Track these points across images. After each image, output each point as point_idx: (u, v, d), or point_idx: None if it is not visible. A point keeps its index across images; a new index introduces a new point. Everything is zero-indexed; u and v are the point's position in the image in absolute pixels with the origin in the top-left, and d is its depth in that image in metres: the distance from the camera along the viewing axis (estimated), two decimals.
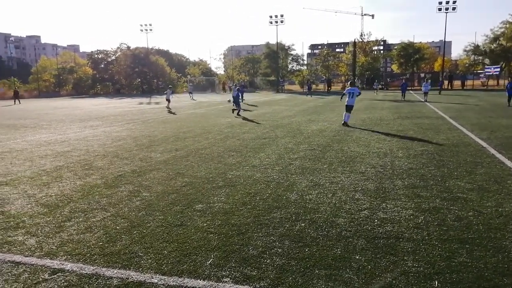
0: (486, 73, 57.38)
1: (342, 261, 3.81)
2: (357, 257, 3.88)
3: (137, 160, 8.80)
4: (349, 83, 14.45)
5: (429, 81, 40.12)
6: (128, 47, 70.08)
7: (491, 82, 59.67)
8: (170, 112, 23.41)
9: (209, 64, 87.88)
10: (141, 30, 66.40)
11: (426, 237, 4.31)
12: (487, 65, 58.22)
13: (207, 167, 7.88)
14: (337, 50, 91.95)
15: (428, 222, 4.76)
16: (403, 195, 5.83)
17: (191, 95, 43.56)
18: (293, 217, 4.98)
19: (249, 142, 10.93)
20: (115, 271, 3.69)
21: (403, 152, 9.05)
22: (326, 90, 50.76)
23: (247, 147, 10.20)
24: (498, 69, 56.66)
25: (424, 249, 4.03)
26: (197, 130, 13.95)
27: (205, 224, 4.80)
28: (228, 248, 4.13)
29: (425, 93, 29.25)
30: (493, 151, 8.97)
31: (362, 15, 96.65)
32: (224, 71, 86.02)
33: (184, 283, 3.47)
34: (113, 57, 70.34)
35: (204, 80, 73.54)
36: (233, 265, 3.77)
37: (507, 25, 57.23)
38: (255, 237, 4.40)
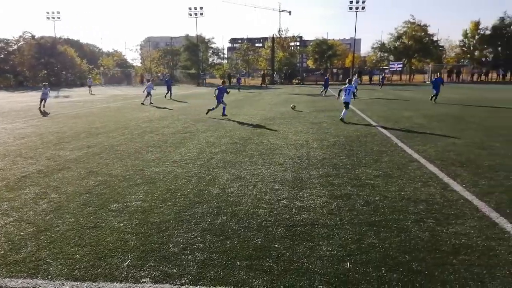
0: (391, 69, 62.61)
1: (262, 250, 3.91)
2: (277, 246, 4.00)
3: (43, 159, 8.10)
4: (347, 80, 14.79)
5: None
6: (33, 36, 63.90)
7: (395, 77, 65.22)
8: (142, 105, 21.77)
9: (124, 55, 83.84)
10: (48, 18, 61.00)
11: (339, 222, 4.59)
12: (392, 61, 63.52)
13: (123, 164, 7.53)
14: (257, 45, 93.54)
15: (340, 208, 5.07)
16: (318, 183, 6.15)
17: (90, 88, 38.91)
18: (215, 211, 4.98)
19: (169, 137, 10.67)
20: (20, 281, 3.37)
21: (318, 143, 9.53)
22: (261, 84, 51.34)
23: (166, 142, 9.95)
24: (401, 65, 62.13)
25: (337, 233, 4.29)
26: (112, 125, 13.24)
27: (121, 225, 4.59)
28: (147, 247, 4.00)
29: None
30: (396, 140, 9.84)
31: (280, 11, 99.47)
32: (141, 63, 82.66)
33: (99, 287, 3.29)
34: (15, 47, 63.67)
35: (119, 72, 69.92)
36: (152, 264, 3.66)
37: (409, 25, 62.94)
38: (175, 234, 4.32)
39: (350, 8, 58.69)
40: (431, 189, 5.80)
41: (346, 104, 14.14)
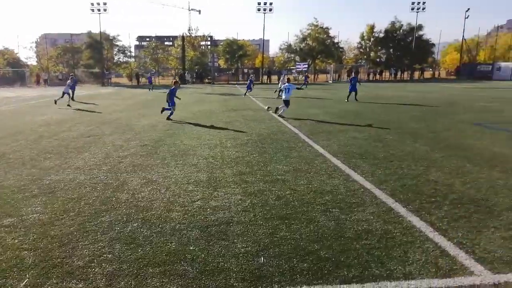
0: (297, 69, 65.66)
1: (177, 254, 3.82)
2: (191, 248, 3.94)
3: None
4: (287, 79, 15.32)
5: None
6: None
7: (301, 77, 68.52)
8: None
9: (17, 53, 75.62)
10: None
11: (253, 218, 4.68)
12: (298, 62, 66.65)
13: (17, 174, 6.79)
14: (166, 43, 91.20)
15: (254, 204, 5.18)
16: (232, 182, 6.20)
17: None
18: (124, 218, 4.74)
19: (70, 142, 9.89)
20: None
21: (231, 142, 9.62)
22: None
23: (67, 147, 9.21)
24: (306, 66, 65.46)
25: (251, 229, 4.37)
26: (3, 131, 11.87)
27: (16, 241, 4.13)
28: (48, 263, 3.66)
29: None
30: (303, 136, 10.34)
31: (189, 10, 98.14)
32: (37, 61, 75.35)
33: None
34: None
35: (10, 72, 62.94)
36: (54, 281, 3.36)
37: (312, 27, 66.55)
38: (80, 246, 4.01)
39: (259, 10, 60.23)
40: (335, 180, 6.20)
41: (286, 102, 14.74)
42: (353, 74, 24.26)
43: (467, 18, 58.63)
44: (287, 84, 15.58)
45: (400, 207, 5.01)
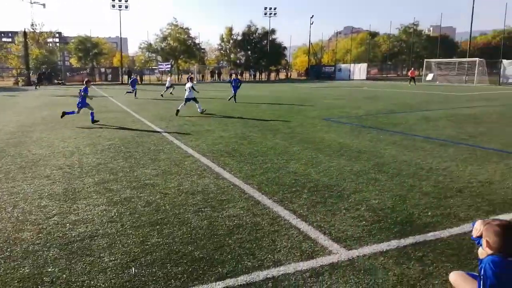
0: (160, 69, 64.19)
1: (32, 279, 3.36)
2: (50, 270, 3.51)
3: None
4: (188, 79, 15.08)
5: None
6: None
7: (164, 77, 67.24)
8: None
9: None
10: None
11: (121, 228, 4.41)
12: (160, 62, 65.17)
13: None
14: (4, 39, 79.06)
15: (121, 213, 4.87)
16: (94, 192, 5.73)
17: None
18: None
19: None
20: None
21: (91, 148, 8.88)
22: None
23: None
24: (169, 66, 64.49)
25: (120, 240, 4.11)
26: None
27: None
28: None
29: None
30: (171, 138, 10.17)
31: (31, 3, 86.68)
32: None
33: None
34: None
35: None
36: None
37: (172, 27, 65.75)
38: None
39: (113, 6, 56.85)
40: (206, 180, 6.26)
41: (187, 100, 15.73)
42: (233, 76, 24.91)
43: (312, 24, 65.58)
44: (189, 83, 16.61)
45: (266, 199, 5.33)
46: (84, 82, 13.85)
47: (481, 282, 2.68)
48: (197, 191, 5.69)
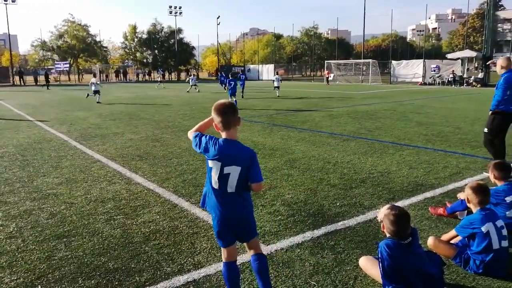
0: (57, 69, 59.18)
1: None
2: None
3: None
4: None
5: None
6: None
7: (63, 77, 62.16)
8: None
9: None
10: None
11: (22, 244, 3.98)
12: (57, 61, 60.07)
13: None
14: None
15: (21, 228, 4.40)
16: None
17: None
18: None
19: None
20: None
21: None
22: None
23: None
24: (68, 65, 59.81)
25: (21, 257, 3.71)
26: None
27: None
28: None
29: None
30: (74, 143, 9.44)
31: None
32: None
33: None
34: None
35: None
36: None
37: (69, 24, 61.00)
38: None
39: None
40: (116, 186, 5.94)
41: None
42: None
43: (219, 24, 65.91)
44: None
45: (184, 201, 5.24)
46: None
47: (380, 263, 2.98)
48: (107, 199, 5.37)
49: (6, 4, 51.35)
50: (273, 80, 26.07)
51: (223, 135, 2.78)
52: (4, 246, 3.96)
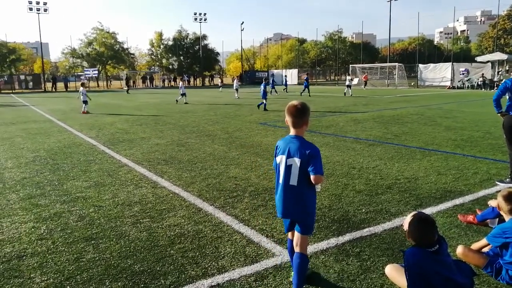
0: (86, 75, 60.97)
1: None
2: None
3: None
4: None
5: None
6: None
7: (92, 83, 63.98)
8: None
9: None
10: None
11: (52, 246, 4.10)
12: (86, 67, 61.90)
13: None
14: None
15: (51, 230, 4.54)
16: (20, 208, 5.27)
17: None
18: None
19: None
20: None
21: (13, 162, 8.17)
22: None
23: None
24: (96, 72, 61.52)
25: (51, 258, 3.82)
26: None
27: None
28: None
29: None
30: (103, 147, 9.69)
31: None
32: None
33: None
34: None
35: None
36: None
37: (98, 32, 62.84)
38: None
39: (30, 9, 53.04)
40: (143, 190, 6.05)
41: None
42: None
43: (242, 30, 66.43)
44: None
45: (208, 205, 5.28)
46: None
47: (406, 272, 2.91)
48: (134, 202, 5.47)
49: (38, 13, 53.46)
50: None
51: (291, 132, 3.13)
52: (36, 247, 4.09)
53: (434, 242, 2.88)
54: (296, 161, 2.98)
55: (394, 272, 3.24)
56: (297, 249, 3.08)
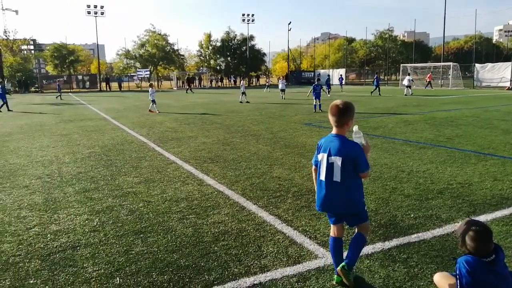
0: (139, 76, 63.55)
1: None
2: (32, 282, 3.41)
3: None
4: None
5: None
6: None
7: (144, 84, 66.59)
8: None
9: None
10: None
11: (103, 238, 4.32)
12: (139, 68, 64.48)
13: None
14: None
15: (103, 222, 4.78)
16: (75, 201, 5.61)
17: None
18: None
19: None
20: None
21: (70, 157, 8.70)
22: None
23: None
24: (148, 72, 63.88)
25: (103, 250, 4.03)
26: None
27: None
28: None
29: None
30: (153, 145, 10.06)
31: (3, 10, 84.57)
32: None
33: None
34: None
35: None
36: None
37: (150, 34, 65.25)
38: None
39: (88, 13, 56.17)
40: (189, 187, 6.21)
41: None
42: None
43: (290, 30, 66.17)
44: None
45: (251, 204, 5.32)
46: None
47: (458, 281, 2.75)
48: (181, 198, 5.63)
49: (96, 17, 56.50)
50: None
51: (333, 130, 3.24)
52: (89, 238, 4.33)
53: (491, 251, 2.71)
54: (337, 159, 3.09)
55: (444, 281, 3.09)
56: (358, 230, 3.31)
